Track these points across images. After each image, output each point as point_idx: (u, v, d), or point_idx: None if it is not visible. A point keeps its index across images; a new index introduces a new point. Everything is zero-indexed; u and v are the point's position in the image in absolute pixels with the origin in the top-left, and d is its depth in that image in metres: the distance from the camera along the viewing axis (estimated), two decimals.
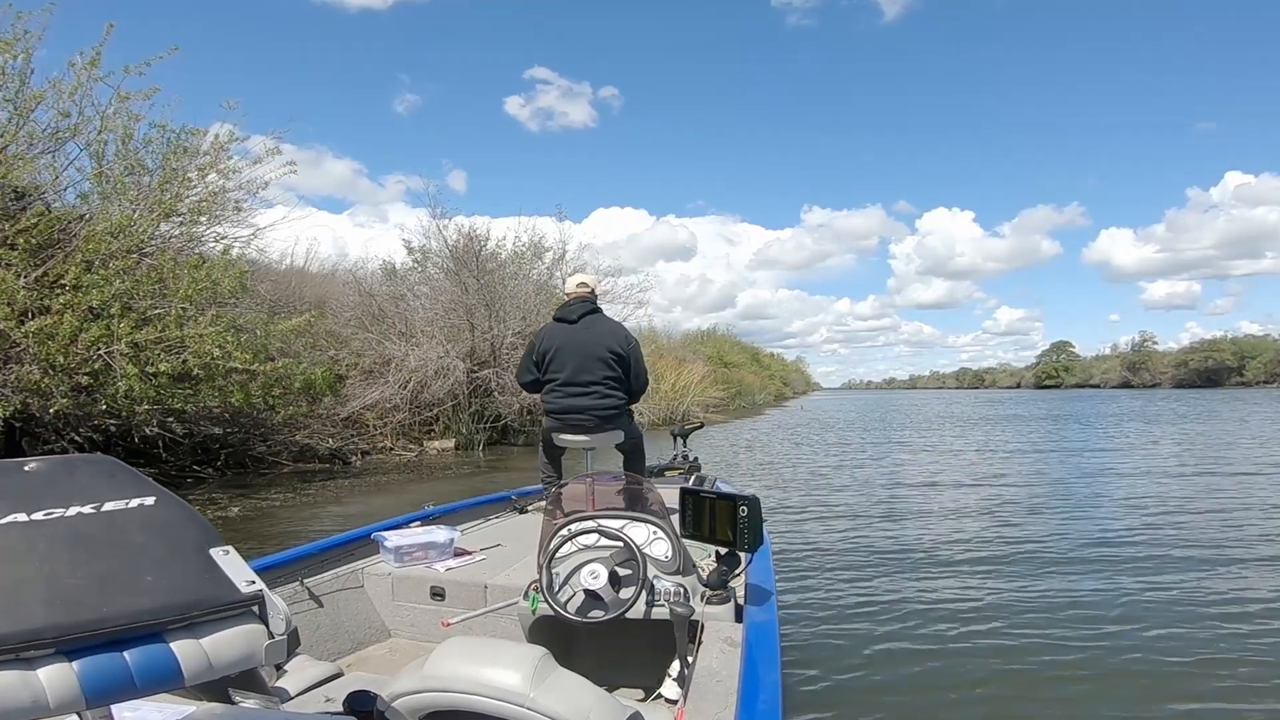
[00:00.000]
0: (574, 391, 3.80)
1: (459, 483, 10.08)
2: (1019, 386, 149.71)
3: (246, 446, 10.72)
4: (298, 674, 1.87)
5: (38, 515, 0.74)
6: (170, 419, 8.59)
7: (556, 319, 3.95)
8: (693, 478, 4.18)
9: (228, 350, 8.32)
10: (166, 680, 0.73)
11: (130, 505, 0.81)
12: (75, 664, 0.68)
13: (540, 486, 4.13)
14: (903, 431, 20.32)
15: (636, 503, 2.57)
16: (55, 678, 0.66)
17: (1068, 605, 4.14)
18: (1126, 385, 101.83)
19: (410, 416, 13.86)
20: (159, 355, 8.03)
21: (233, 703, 1.02)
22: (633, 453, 4.04)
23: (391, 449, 13.21)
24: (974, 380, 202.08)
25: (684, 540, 2.29)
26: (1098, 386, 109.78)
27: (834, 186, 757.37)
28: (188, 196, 9.73)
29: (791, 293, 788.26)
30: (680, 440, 4.89)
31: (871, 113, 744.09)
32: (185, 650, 0.74)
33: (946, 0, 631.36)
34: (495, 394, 14.62)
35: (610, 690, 1.29)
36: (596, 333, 3.84)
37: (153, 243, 9.47)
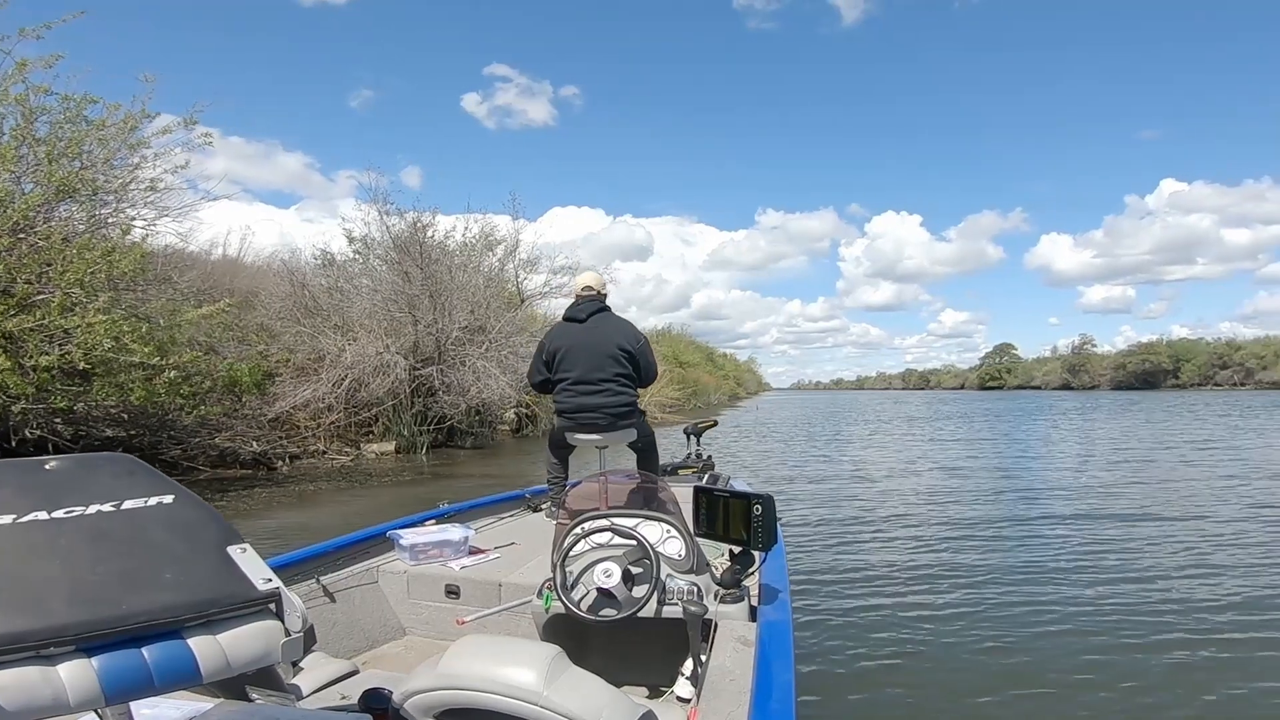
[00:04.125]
0: (586, 390, 3.78)
1: (400, 490, 9.25)
2: (963, 388, 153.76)
3: (157, 450, 9.58)
4: (313, 671, 1.84)
5: (58, 513, 0.75)
6: (56, 419, 7.46)
7: (566, 319, 3.95)
8: (706, 476, 4.07)
9: (123, 342, 7.24)
10: (184, 678, 0.73)
11: (149, 503, 0.82)
12: (94, 661, 0.68)
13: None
14: (873, 428, 20.38)
15: (650, 501, 2.55)
16: (75, 675, 0.66)
17: (1087, 602, 4.21)
18: (1067, 387, 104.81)
19: (346, 417, 12.79)
20: (38, 346, 6.92)
21: (250, 700, 1.02)
22: (646, 451, 4.02)
23: (325, 452, 12.13)
24: (920, 381, 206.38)
25: (697, 539, 2.26)
26: (1039, 388, 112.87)
27: (789, 188, 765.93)
28: (86, 171, 8.59)
29: (744, 293, 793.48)
30: (694, 439, 4.84)
31: (827, 115, 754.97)
32: (203, 648, 0.74)
33: (903, 7, 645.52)
34: (440, 393, 13.62)
35: (623, 688, 1.29)
36: (606, 331, 3.83)
37: (48, 223, 8.32)
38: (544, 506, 3.96)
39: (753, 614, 2.14)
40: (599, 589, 2.02)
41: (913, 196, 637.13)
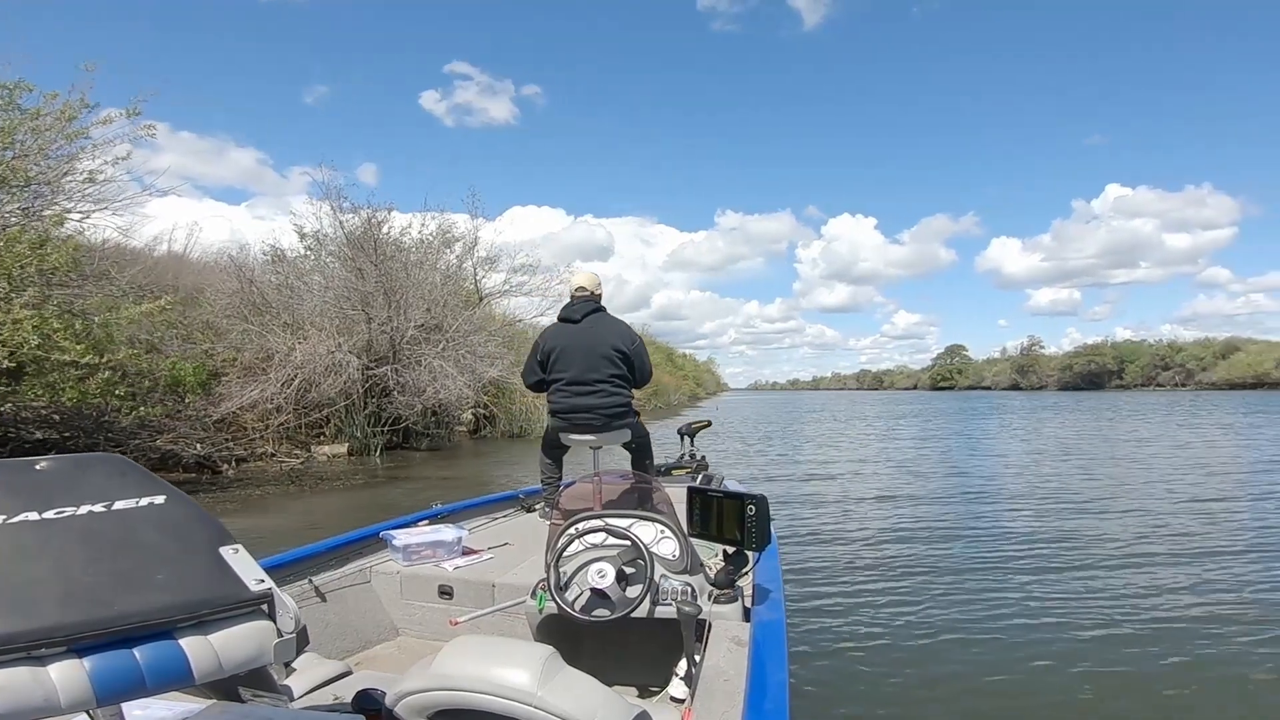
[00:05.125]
0: (580, 391, 3.78)
1: (352, 494, 8.98)
2: (915, 388, 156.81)
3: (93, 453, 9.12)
4: (306, 672, 1.83)
5: (49, 514, 0.75)
6: None
7: (561, 319, 3.95)
8: (700, 476, 4.14)
9: (53, 340, 6.85)
10: (176, 679, 0.73)
11: (140, 504, 0.82)
12: (86, 662, 0.67)
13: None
14: (835, 427, 20.58)
15: (644, 501, 2.57)
16: (66, 676, 0.66)
17: (1078, 596, 4.28)
18: (1016, 387, 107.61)
19: (296, 418, 12.39)
20: None
21: (242, 701, 1.02)
22: (640, 451, 4.03)
23: (273, 455, 11.72)
24: (874, 382, 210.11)
25: (691, 539, 2.26)
26: (989, 388, 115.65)
27: (748, 190, 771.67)
28: (18, 161, 8.16)
29: (703, 294, 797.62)
30: (688, 439, 4.86)
31: (787, 117, 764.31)
32: (195, 649, 0.74)
33: (863, 12, 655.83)
34: (395, 393, 13.30)
35: (617, 689, 1.33)
36: (601, 332, 3.84)
37: None
38: (538, 507, 3.98)
39: (746, 614, 2.14)
40: (593, 589, 2.03)
41: (868, 199, 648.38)
